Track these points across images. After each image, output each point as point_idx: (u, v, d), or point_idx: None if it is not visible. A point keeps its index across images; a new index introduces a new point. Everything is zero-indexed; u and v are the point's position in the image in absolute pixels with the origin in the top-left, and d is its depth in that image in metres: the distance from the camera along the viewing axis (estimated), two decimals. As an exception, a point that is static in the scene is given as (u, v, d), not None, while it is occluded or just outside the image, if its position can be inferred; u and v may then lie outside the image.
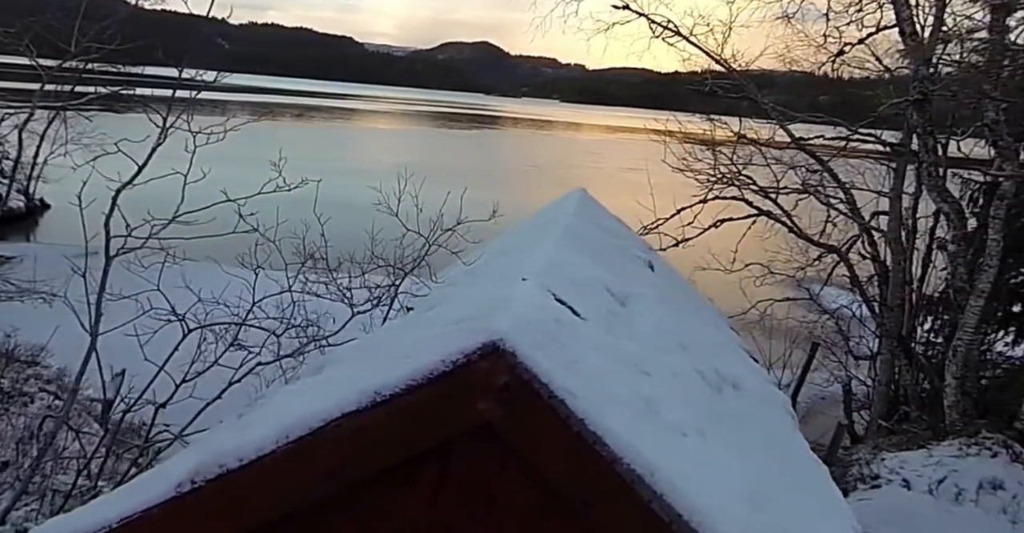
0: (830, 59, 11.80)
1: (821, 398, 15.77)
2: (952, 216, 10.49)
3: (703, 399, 3.84)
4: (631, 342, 3.71)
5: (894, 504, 9.14)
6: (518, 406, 2.19)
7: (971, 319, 9.98)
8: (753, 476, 3.03)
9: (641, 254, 7.43)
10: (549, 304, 2.88)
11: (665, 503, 2.18)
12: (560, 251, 4.57)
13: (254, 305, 4.91)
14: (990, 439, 10.16)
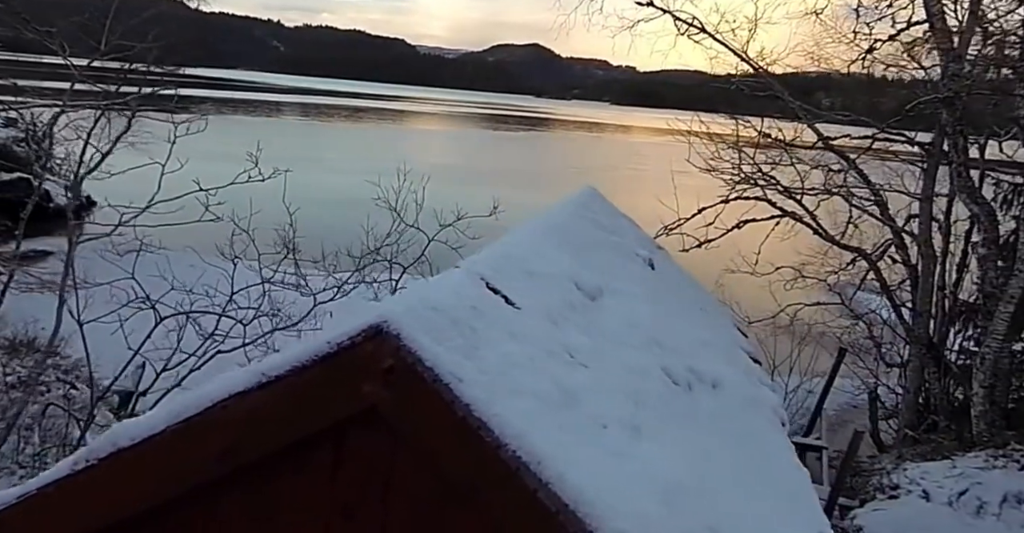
0: (860, 56, 11.50)
1: (853, 406, 15.39)
2: (983, 218, 10.13)
3: (659, 395, 3.75)
4: (582, 335, 3.64)
5: (910, 516, 8.86)
6: (403, 389, 2.15)
7: (1000, 326, 9.62)
8: (688, 474, 2.94)
9: (642, 252, 7.33)
10: (471, 292, 2.83)
11: (551, 492, 2.12)
12: (530, 245, 4.52)
13: (232, 296, 4.96)
14: (1019, 451, 9.80)
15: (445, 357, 2.19)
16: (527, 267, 3.92)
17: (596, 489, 2.20)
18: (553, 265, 4.33)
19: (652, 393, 3.70)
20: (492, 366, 2.39)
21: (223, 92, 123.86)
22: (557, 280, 4.11)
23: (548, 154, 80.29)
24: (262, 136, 46.10)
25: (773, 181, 11.91)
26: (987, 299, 10.17)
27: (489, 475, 2.14)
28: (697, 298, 7.51)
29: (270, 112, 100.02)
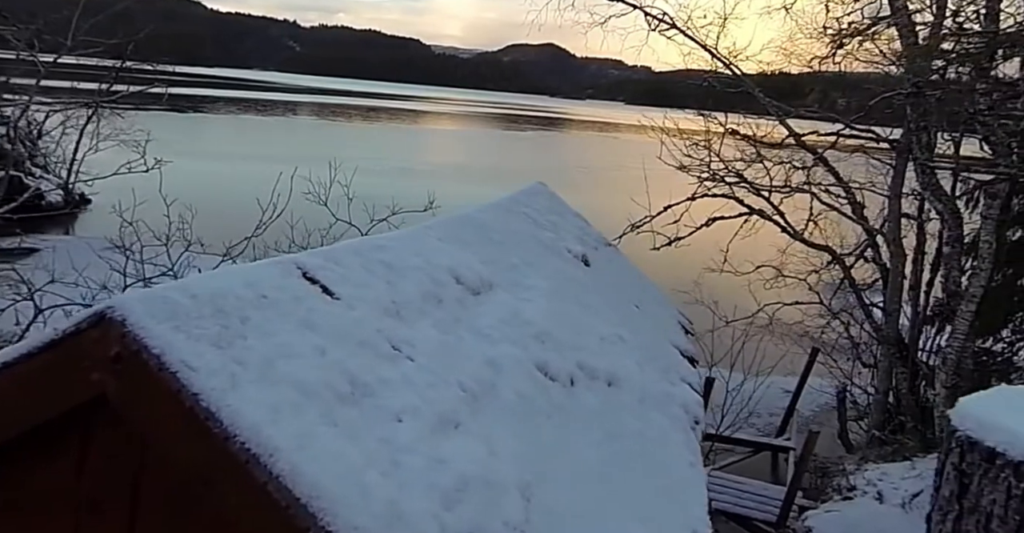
0: (831, 52, 11.33)
1: (832, 407, 15.22)
2: (947, 216, 9.96)
3: (514, 391, 3.67)
4: (432, 329, 3.57)
5: (861, 517, 8.73)
6: (130, 378, 2.09)
7: (962, 325, 9.46)
8: (505, 471, 2.87)
9: (577, 249, 7.26)
10: (273, 281, 2.77)
11: (281, 485, 2.06)
12: (412, 238, 4.45)
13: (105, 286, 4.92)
14: (980, 453, 9.61)
15: (179, 345, 2.13)
16: (386, 259, 3.86)
17: (340, 484, 2.13)
18: (429, 258, 4.27)
19: (504, 388, 3.63)
20: (254, 356, 2.33)
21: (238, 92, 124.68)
22: (426, 273, 4.04)
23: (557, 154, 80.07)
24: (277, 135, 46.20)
25: (742, 178, 11.77)
26: (951, 298, 10.00)
27: (219, 468, 2.08)
28: (633, 296, 7.42)
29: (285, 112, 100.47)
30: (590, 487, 3.61)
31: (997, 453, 1.54)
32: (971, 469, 1.60)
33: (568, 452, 3.71)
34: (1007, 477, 1.52)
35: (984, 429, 1.63)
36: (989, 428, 1.63)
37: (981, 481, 1.61)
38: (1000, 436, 1.57)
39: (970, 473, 1.63)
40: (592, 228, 8.79)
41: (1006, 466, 1.50)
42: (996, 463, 1.54)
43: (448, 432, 2.85)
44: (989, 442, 1.57)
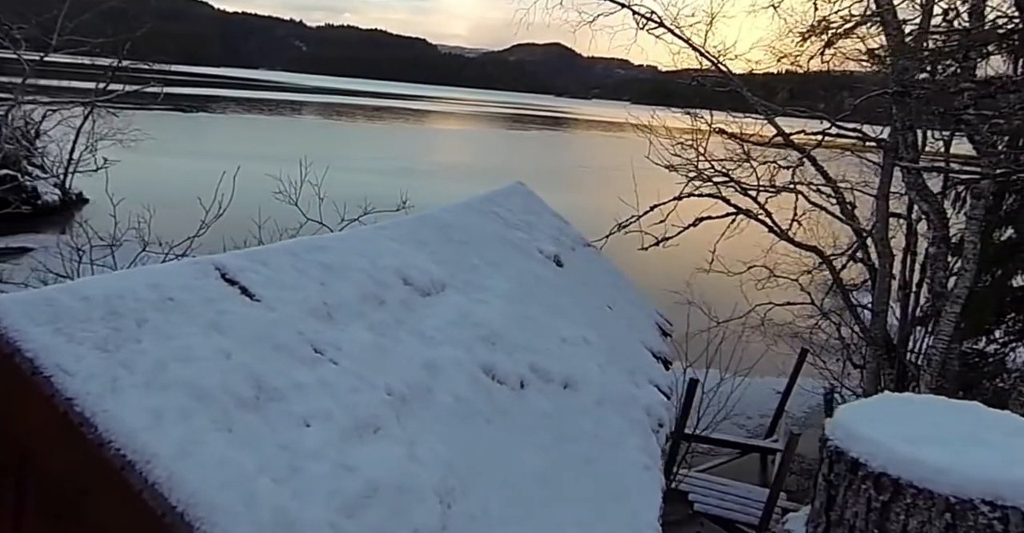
0: (819, 51, 11.23)
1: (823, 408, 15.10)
2: (932, 216, 9.85)
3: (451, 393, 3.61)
4: (365, 331, 3.51)
5: (842, 520, 8.62)
6: (3, 382, 2.05)
7: (947, 326, 9.36)
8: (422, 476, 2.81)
9: (549, 249, 7.19)
10: (183, 282, 2.72)
11: (157, 493, 2.00)
12: (361, 238, 4.40)
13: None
14: (965, 455, 9.53)
15: (57, 348, 2.08)
16: (325, 260, 3.81)
17: (223, 491, 2.08)
18: (376, 259, 4.21)
19: (440, 392, 3.57)
20: (144, 360, 2.27)
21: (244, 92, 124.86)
22: (369, 274, 3.99)
23: (561, 153, 79.97)
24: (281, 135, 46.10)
25: (729, 178, 11.68)
26: (937, 299, 9.90)
27: (94, 475, 2.02)
28: (608, 297, 7.35)
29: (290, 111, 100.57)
30: (528, 492, 3.55)
31: (860, 464, 1.46)
32: (837, 480, 1.53)
33: (507, 456, 3.65)
34: (868, 489, 1.45)
35: (851, 439, 1.56)
36: (856, 438, 1.55)
37: (846, 493, 1.54)
38: (864, 446, 1.50)
39: (836, 484, 1.56)
40: (571, 228, 8.73)
41: (867, 477, 1.43)
42: (859, 474, 1.46)
43: (366, 437, 2.80)
44: (853, 452, 1.50)
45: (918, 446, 1.56)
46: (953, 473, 1.48)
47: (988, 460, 1.51)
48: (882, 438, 1.61)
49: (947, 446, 1.57)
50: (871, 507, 1.59)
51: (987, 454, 1.54)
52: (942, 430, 1.65)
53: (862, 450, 1.62)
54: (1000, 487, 1.46)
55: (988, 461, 1.50)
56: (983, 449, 1.56)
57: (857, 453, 1.62)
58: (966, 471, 1.47)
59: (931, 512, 1.49)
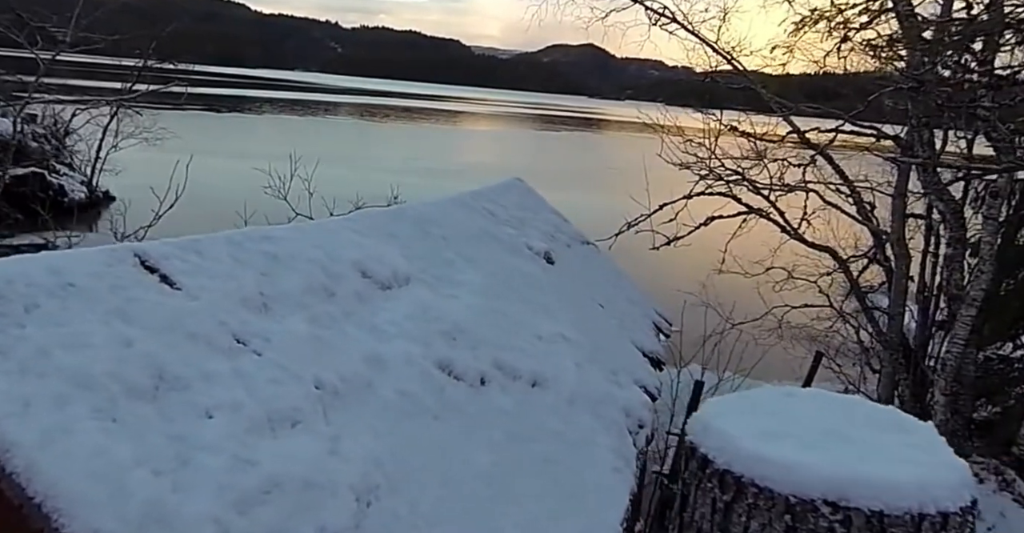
0: (835, 47, 10.94)
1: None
2: (948, 216, 9.54)
3: (394, 389, 3.50)
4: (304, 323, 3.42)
5: (846, 528, 8.38)
6: None
7: (962, 330, 9.04)
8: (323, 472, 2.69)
9: (539, 246, 7.05)
10: (89, 268, 2.64)
11: (15, 483, 1.92)
12: (324, 229, 4.32)
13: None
14: (979, 464, 9.23)
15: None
16: (272, 250, 3.72)
17: (88, 483, 1.99)
18: (332, 251, 4.12)
19: (383, 386, 3.47)
20: (24, 346, 2.19)
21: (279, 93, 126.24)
22: (321, 265, 3.90)
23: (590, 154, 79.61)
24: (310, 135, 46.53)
25: (741, 177, 11.43)
26: (952, 301, 9.58)
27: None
28: (601, 295, 7.19)
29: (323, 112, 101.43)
30: (472, 491, 3.42)
31: (708, 460, 1.32)
32: (690, 478, 1.38)
33: (452, 454, 3.52)
34: (713, 488, 1.31)
35: (705, 433, 1.41)
36: (710, 432, 1.41)
37: (696, 491, 1.39)
38: (715, 441, 1.35)
39: (689, 482, 1.41)
40: (569, 226, 8.59)
41: (713, 475, 1.28)
42: (706, 472, 1.32)
43: (280, 430, 2.70)
44: (703, 448, 1.35)
45: (771, 442, 1.41)
46: (796, 471, 1.33)
47: (839, 457, 1.35)
48: (735, 433, 1.46)
49: (802, 442, 1.41)
50: (715, 507, 1.44)
51: (841, 450, 1.38)
52: (806, 425, 1.50)
53: (711, 445, 1.47)
54: (845, 486, 1.31)
55: (839, 458, 1.35)
56: (840, 445, 1.41)
57: (706, 449, 1.47)
58: (811, 469, 1.32)
59: (771, 513, 1.34)
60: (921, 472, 1.35)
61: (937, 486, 1.34)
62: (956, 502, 1.34)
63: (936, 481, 1.34)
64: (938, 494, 1.34)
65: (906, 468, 1.36)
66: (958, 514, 1.34)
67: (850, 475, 1.32)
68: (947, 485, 1.35)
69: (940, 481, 1.35)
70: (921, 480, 1.33)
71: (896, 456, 1.40)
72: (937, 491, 1.34)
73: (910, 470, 1.35)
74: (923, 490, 1.33)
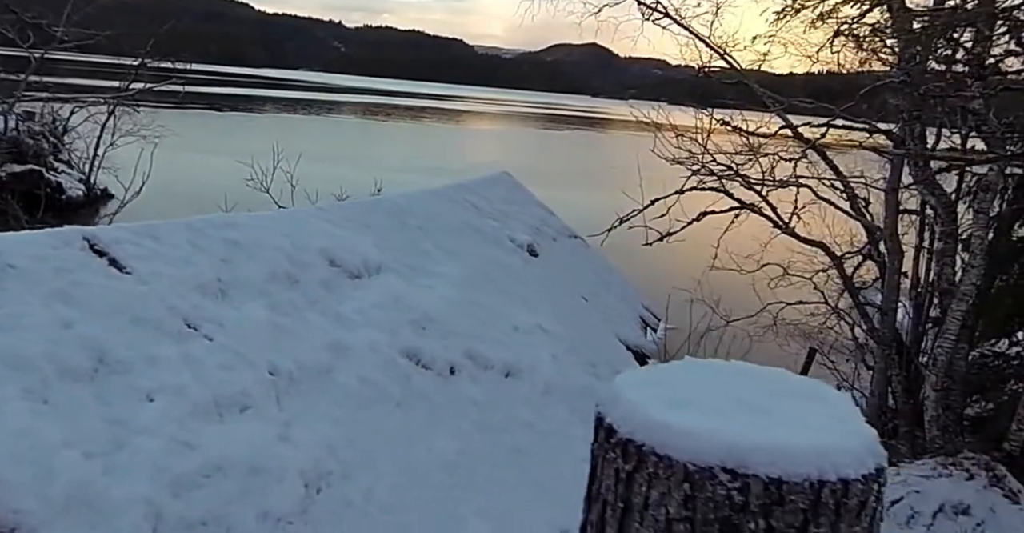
0: (828, 40, 10.88)
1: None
2: (939, 211, 9.49)
3: (357, 376, 3.47)
4: (264, 310, 3.39)
5: (834, 523, 8.34)
6: None
7: (952, 325, 8.99)
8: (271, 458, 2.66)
9: (523, 239, 7.03)
10: (35, 251, 2.61)
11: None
12: (295, 218, 4.29)
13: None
14: (971, 459, 9.16)
15: None
16: (234, 237, 3.69)
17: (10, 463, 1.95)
18: (300, 239, 4.09)
19: (343, 374, 3.44)
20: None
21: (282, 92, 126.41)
22: (286, 253, 3.87)
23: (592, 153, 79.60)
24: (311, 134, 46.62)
25: (734, 173, 11.40)
26: (944, 296, 9.53)
27: None
28: (586, 288, 7.17)
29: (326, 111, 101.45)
30: (433, 479, 3.39)
31: (613, 430, 1.28)
32: (598, 450, 1.35)
33: (414, 442, 3.49)
34: (616, 458, 1.27)
35: (613, 403, 1.37)
36: (617, 402, 1.37)
37: (602, 463, 1.36)
38: (621, 411, 1.32)
39: (597, 455, 1.38)
40: (556, 220, 8.56)
41: (617, 445, 1.25)
42: (611, 442, 1.28)
43: (228, 415, 2.66)
44: (609, 418, 1.32)
45: (677, 410, 1.36)
46: (696, 438, 1.29)
47: (742, 424, 1.31)
48: (642, 401, 1.41)
49: (709, 410, 1.37)
50: (619, 478, 1.39)
51: (747, 418, 1.34)
52: (719, 394, 1.45)
53: (617, 415, 1.42)
54: (744, 453, 1.27)
55: (741, 425, 1.30)
56: (748, 414, 1.36)
57: (612, 419, 1.43)
58: (711, 436, 1.28)
59: (670, 482, 1.29)
60: (824, 439, 1.31)
61: (840, 453, 1.30)
62: (859, 469, 1.30)
63: (839, 448, 1.30)
64: (840, 461, 1.29)
65: (809, 435, 1.31)
66: (860, 481, 1.30)
67: (750, 442, 1.28)
68: (850, 452, 1.31)
69: (843, 448, 1.30)
70: (823, 447, 1.29)
71: (802, 424, 1.35)
72: (839, 458, 1.30)
73: (813, 437, 1.31)
74: (824, 457, 1.28)
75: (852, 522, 1.27)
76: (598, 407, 1.47)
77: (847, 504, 1.25)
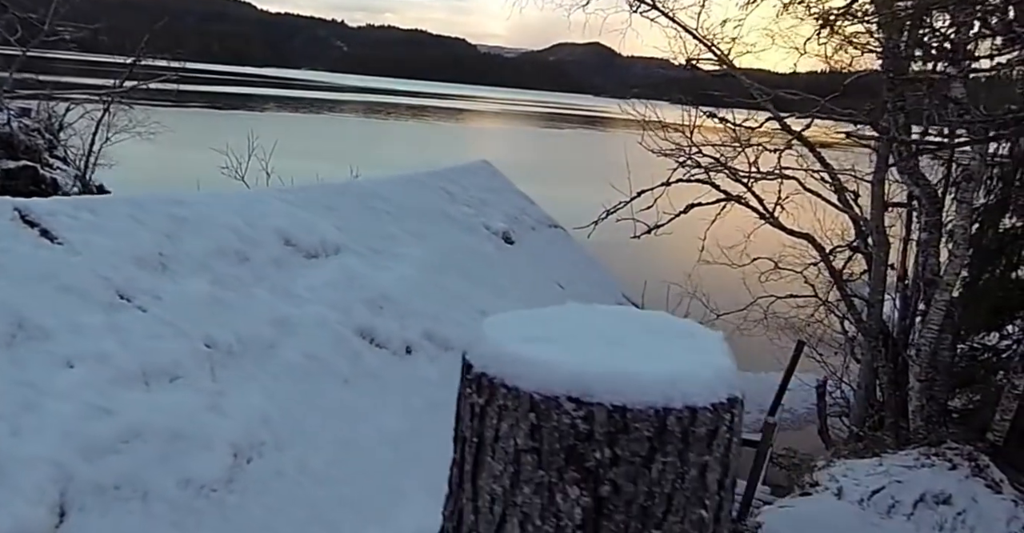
0: (815, 32, 10.84)
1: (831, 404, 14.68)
2: (924, 201, 9.45)
3: (302, 353, 3.45)
4: (208, 284, 3.38)
5: (814, 513, 8.31)
6: None
7: (936, 315, 8.96)
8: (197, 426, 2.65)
9: (498, 226, 7.01)
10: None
11: None
12: (241, 198, 4.27)
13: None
14: (954, 450, 9.13)
15: None
16: (181, 214, 3.68)
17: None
18: (253, 218, 4.08)
19: (288, 349, 3.42)
20: None
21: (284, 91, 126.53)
22: (236, 231, 3.86)
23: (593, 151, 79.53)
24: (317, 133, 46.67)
25: (723, 165, 11.37)
26: (928, 286, 9.49)
27: None
28: (562, 276, 7.15)
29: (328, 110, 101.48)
30: (377, 454, 3.37)
31: (470, 366, 1.27)
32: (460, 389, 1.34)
33: (360, 418, 3.48)
34: (472, 393, 1.26)
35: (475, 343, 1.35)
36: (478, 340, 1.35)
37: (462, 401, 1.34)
38: (479, 348, 1.31)
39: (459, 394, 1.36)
40: (537, 209, 8.54)
41: (473, 380, 1.24)
42: (468, 378, 1.27)
43: (155, 384, 2.65)
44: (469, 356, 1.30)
45: (533, 345, 1.33)
46: (543, 368, 1.26)
47: (594, 355, 1.28)
48: (500, 338, 1.39)
49: (567, 345, 1.34)
50: (474, 413, 1.37)
51: (601, 350, 1.31)
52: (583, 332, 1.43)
53: (475, 351, 1.40)
54: (590, 382, 1.24)
55: (593, 356, 1.28)
56: (604, 347, 1.33)
57: (471, 355, 1.41)
58: (558, 366, 1.26)
59: (518, 413, 1.27)
60: (674, 369, 1.28)
61: (689, 382, 1.27)
62: (708, 398, 1.28)
63: (688, 377, 1.27)
64: (688, 390, 1.27)
65: (658, 365, 1.29)
66: (708, 410, 1.28)
67: (596, 371, 1.25)
68: (701, 382, 1.29)
69: (693, 378, 1.28)
70: (671, 376, 1.26)
71: (656, 355, 1.33)
72: (688, 387, 1.27)
73: (661, 367, 1.28)
74: (672, 386, 1.26)
75: (702, 451, 1.24)
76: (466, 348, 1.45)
77: (695, 433, 1.22)
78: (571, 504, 1.26)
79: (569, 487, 1.25)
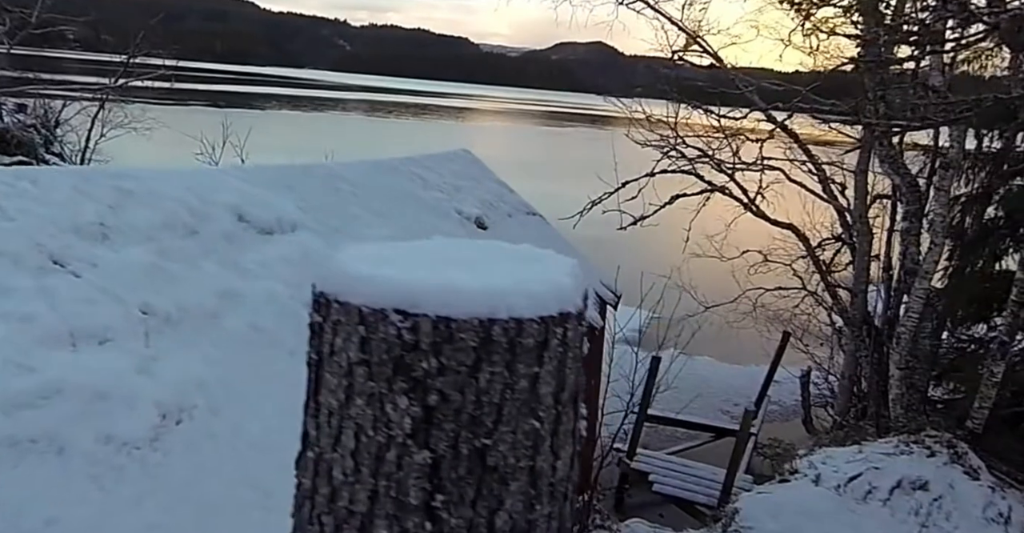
0: (799, 23, 10.85)
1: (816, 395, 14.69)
2: (904, 190, 9.45)
3: (249, 325, 3.48)
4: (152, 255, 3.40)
5: (791, 500, 8.34)
6: None
7: (916, 304, 8.97)
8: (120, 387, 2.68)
9: (473, 211, 7.02)
10: None
11: None
12: (195, 176, 4.31)
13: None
14: (933, 437, 9.16)
15: None
16: (128, 187, 3.70)
17: None
18: (206, 194, 4.11)
19: (233, 319, 3.45)
20: None
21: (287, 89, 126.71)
22: (187, 205, 3.88)
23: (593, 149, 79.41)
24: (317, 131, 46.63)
25: (709, 158, 11.39)
26: (908, 275, 9.50)
27: None
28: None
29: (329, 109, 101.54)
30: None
31: (314, 289, 1.29)
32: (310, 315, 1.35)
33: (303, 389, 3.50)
34: (313, 313, 1.29)
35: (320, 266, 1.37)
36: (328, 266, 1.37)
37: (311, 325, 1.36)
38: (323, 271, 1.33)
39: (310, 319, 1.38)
40: (515, 196, 8.55)
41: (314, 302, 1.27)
42: (315, 302, 1.30)
43: (83, 346, 2.68)
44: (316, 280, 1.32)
45: (376, 267, 1.35)
46: (371, 282, 1.28)
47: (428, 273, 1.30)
48: (344, 262, 1.41)
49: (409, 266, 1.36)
50: (315, 332, 1.39)
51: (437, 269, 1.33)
52: (433, 257, 1.44)
53: (319, 275, 1.42)
54: (416, 295, 1.26)
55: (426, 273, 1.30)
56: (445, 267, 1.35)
57: (315, 279, 1.42)
58: (386, 281, 1.27)
59: (349, 327, 1.30)
60: (503, 283, 1.30)
61: (518, 295, 1.29)
62: (537, 311, 1.29)
63: (518, 291, 1.29)
64: (516, 303, 1.28)
65: (485, 279, 1.31)
66: (536, 321, 1.29)
67: (423, 284, 1.27)
68: (532, 296, 1.30)
69: (523, 291, 1.29)
70: (500, 290, 1.28)
71: (493, 273, 1.35)
72: (516, 300, 1.28)
73: (490, 281, 1.30)
74: (499, 298, 1.27)
75: (531, 362, 1.25)
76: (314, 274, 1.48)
77: (522, 344, 1.24)
78: (401, 414, 1.28)
79: (398, 397, 1.28)
